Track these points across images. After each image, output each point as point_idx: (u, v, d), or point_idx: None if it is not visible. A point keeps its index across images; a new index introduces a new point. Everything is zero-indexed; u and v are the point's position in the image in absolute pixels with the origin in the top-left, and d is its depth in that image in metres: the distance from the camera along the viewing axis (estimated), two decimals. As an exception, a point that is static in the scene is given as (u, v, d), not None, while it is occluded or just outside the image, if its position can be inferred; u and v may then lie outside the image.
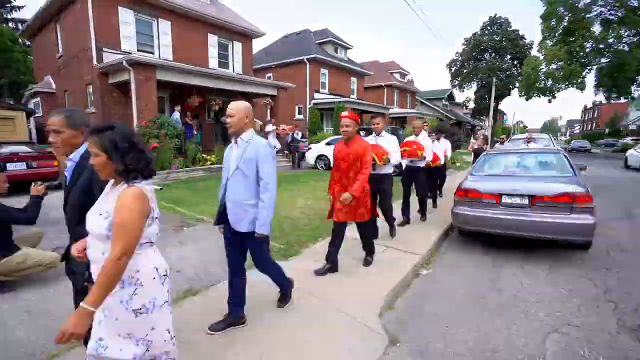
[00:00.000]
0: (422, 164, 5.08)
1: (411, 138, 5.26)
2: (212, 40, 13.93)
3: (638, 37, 21.09)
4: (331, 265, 3.40)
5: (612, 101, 31.58)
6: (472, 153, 8.37)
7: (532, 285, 3.29)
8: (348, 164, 3.22)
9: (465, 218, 4.25)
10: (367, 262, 3.62)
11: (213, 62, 14.04)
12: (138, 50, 11.41)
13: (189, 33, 13.02)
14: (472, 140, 9.31)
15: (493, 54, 37.44)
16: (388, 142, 4.12)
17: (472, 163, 8.46)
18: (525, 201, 3.88)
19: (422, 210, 5.47)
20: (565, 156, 4.62)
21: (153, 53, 12.03)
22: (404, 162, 5.10)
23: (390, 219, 4.36)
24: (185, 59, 12.56)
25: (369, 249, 3.66)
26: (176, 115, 10.84)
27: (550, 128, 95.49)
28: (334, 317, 2.59)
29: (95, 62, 10.29)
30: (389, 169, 4.10)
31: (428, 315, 2.78)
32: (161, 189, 8.08)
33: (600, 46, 22.02)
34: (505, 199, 4.00)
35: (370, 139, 4.09)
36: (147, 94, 9.67)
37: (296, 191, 7.62)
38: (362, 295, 2.92)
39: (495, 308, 2.87)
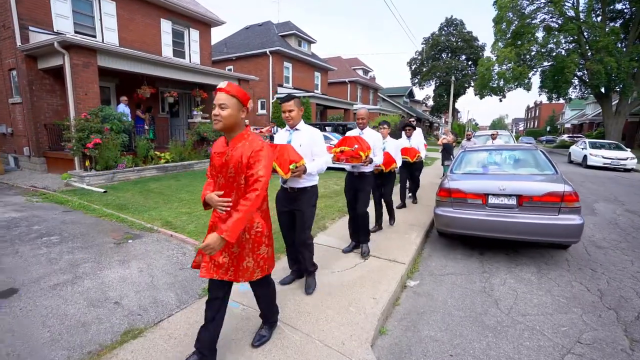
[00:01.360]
0: (368, 169, 3.65)
1: (354, 132, 3.72)
2: (166, 26, 12.62)
3: (574, 44, 22.96)
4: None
5: (553, 101, 34.51)
6: (442, 147, 8.29)
7: (527, 293, 3.06)
8: (229, 180, 1.80)
9: (448, 220, 3.96)
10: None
11: (167, 51, 12.75)
12: (76, 32, 9.91)
13: (138, 16, 11.64)
14: (442, 135, 9.24)
15: (450, 54, 39.05)
16: (309, 140, 2.69)
17: (441, 158, 8.41)
18: (513, 201, 3.67)
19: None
20: (543, 153, 4.53)
21: (95, 36, 10.55)
22: (347, 167, 3.71)
23: (307, 263, 2.86)
24: (134, 45, 11.22)
25: (269, 321, 2.26)
26: (123, 107, 9.60)
27: (498, 125, 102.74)
28: (319, 356, 2.09)
29: (19, 42, 8.72)
30: (310, 181, 2.72)
31: (427, 341, 2.39)
32: (105, 191, 7.03)
33: (543, 50, 23.68)
34: (491, 199, 3.76)
35: (282, 135, 2.78)
36: (87, 82, 8.36)
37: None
38: (348, 320, 2.46)
39: (496, 326, 2.56)
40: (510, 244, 4.26)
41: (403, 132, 6.20)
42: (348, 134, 3.70)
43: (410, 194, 6.59)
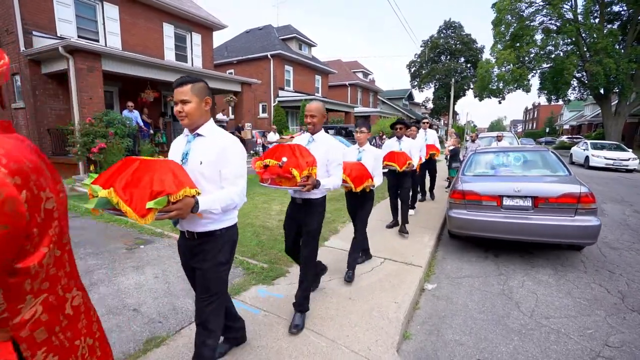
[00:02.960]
0: (317, 194, 2.38)
1: (301, 138, 2.55)
2: (168, 30, 12.64)
3: (573, 46, 23.12)
4: None
5: (552, 103, 34.68)
6: (448, 154, 8.24)
7: (548, 296, 3.03)
8: None
9: (463, 222, 3.94)
10: None
11: (170, 54, 12.76)
12: (79, 37, 9.91)
13: (140, 21, 11.65)
14: (444, 142, 9.07)
15: (449, 57, 39.24)
16: (219, 155, 1.61)
17: (448, 161, 8.38)
18: (528, 203, 3.65)
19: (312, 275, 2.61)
20: (555, 154, 4.53)
21: (98, 41, 10.56)
22: (289, 191, 2.39)
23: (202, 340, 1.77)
24: (136, 49, 11.22)
25: None
26: (127, 113, 9.53)
27: (497, 127, 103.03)
28: (347, 361, 2.06)
29: (22, 47, 8.70)
30: (219, 221, 1.68)
31: (452, 345, 2.36)
32: (110, 196, 6.98)
33: (542, 52, 23.83)
34: (506, 201, 3.75)
35: (178, 145, 1.76)
36: (92, 86, 8.35)
37: (267, 196, 6.97)
38: (372, 325, 2.42)
39: (521, 329, 2.53)
40: (524, 246, 4.23)
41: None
42: (295, 139, 2.58)
43: (394, 221, 4.92)
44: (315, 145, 2.40)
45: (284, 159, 2.08)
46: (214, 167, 1.61)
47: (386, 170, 4.11)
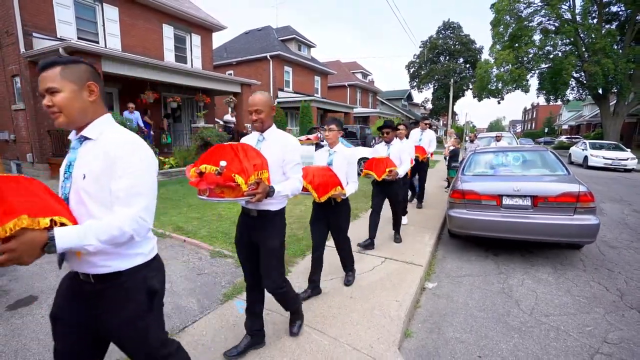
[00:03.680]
0: (276, 205, 1.98)
1: (249, 138, 2.10)
2: (168, 31, 12.67)
3: (571, 46, 23.21)
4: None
5: (551, 103, 34.74)
6: (448, 155, 8.25)
7: (547, 294, 3.06)
8: None
9: (463, 222, 3.97)
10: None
11: (169, 56, 12.79)
12: (79, 38, 9.94)
13: (140, 22, 11.68)
14: (448, 142, 9.03)
15: (448, 57, 39.34)
16: (107, 160, 1.13)
17: (448, 161, 8.41)
18: (528, 202, 3.68)
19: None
20: (554, 154, 4.56)
21: (98, 42, 10.59)
22: (241, 202, 1.93)
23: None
24: (136, 50, 11.25)
25: None
26: (127, 114, 9.56)
27: (496, 127, 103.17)
28: (349, 359, 2.08)
29: (22, 48, 8.72)
30: (120, 258, 1.17)
31: (453, 343, 2.39)
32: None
33: (540, 53, 23.92)
34: (506, 201, 3.78)
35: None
36: (91, 88, 8.37)
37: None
38: (374, 323, 2.45)
39: (521, 327, 2.56)
40: (524, 245, 4.26)
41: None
42: (244, 139, 2.11)
43: (368, 240, 4.08)
44: (267, 144, 1.98)
45: (223, 163, 1.62)
46: (102, 183, 1.12)
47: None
